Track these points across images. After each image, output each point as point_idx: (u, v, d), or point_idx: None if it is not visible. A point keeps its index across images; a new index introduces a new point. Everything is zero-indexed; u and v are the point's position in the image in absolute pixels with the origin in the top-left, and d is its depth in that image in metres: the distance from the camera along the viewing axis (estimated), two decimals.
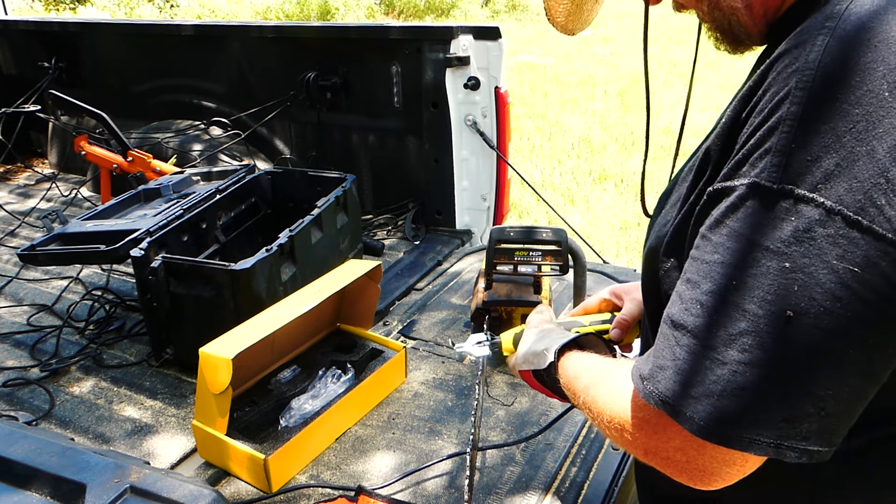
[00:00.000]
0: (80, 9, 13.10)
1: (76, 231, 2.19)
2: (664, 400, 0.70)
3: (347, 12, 14.08)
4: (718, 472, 0.69)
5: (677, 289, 0.72)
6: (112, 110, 3.02)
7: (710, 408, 0.65)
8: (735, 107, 0.71)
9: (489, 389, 1.87)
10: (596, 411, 0.84)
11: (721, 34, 0.84)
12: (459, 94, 2.73)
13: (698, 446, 0.69)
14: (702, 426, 0.66)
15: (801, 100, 0.62)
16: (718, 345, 0.65)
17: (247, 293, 1.82)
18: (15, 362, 2.06)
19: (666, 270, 0.81)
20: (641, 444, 0.75)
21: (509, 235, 1.93)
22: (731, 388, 0.64)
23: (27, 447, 1.02)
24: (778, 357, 0.62)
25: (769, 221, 0.63)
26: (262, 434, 1.64)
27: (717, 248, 0.67)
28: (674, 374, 0.69)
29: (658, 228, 0.86)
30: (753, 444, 0.64)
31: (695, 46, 1.01)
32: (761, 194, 0.63)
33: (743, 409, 0.64)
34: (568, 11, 0.94)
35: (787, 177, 0.62)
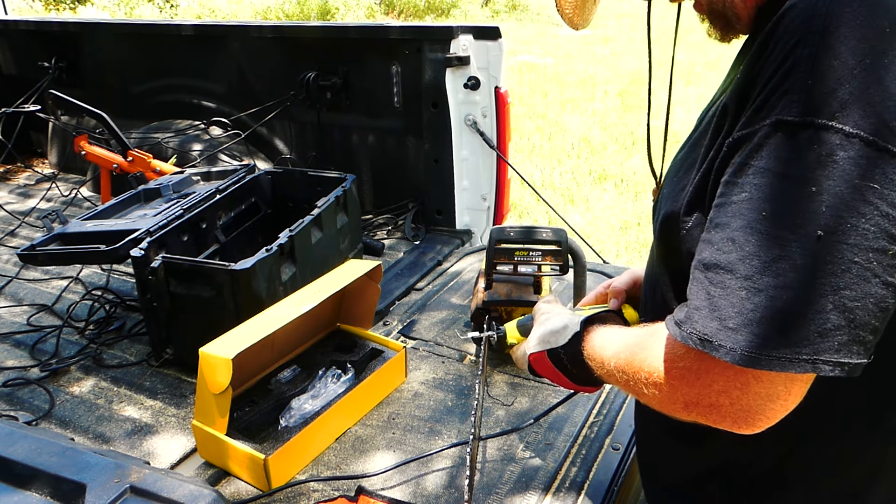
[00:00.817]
0: (80, 9, 13.10)
1: (76, 231, 2.19)
2: (703, 338, 0.72)
3: (347, 12, 14.08)
4: (763, 410, 0.72)
5: (704, 237, 0.76)
6: (112, 110, 3.02)
7: (750, 335, 0.69)
8: (746, 66, 0.76)
9: (489, 389, 1.87)
10: (631, 372, 0.86)
11: (714, 19, 0.89)
12: (459, 94, 2.73)
13: (742, 384, 0.72)
14: (744, 355, 0.69)
15: (814, 41, 0.68)
16: (753, 274, 0.69)
17: (247, 293, 1.82)
18: (15, 362, 2.06)
19: (688, 229, 0.84)
20: (681, 396, 0.78)
21: (509, 235, 1.93)
22: (769, 312, 0.68)
23: (27, 447, 1.02)
24: (811, 275, 0.67)
25: (793, 153, 0.68)
26: (262, 434, 1.64)
27: (743, 188, 0.71)
28: (710, 311, 0.72)
29: (673, 195, 0.89)
30: (792, 363, 0.68)
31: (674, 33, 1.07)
32: (783, 129, 0.68)
33: (781, 330, 0.68)
34: (575, 4, 0.99)
35: (807, 110, 0.67)
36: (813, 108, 0.67)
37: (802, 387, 0.72)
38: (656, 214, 0.97)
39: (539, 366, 1.14)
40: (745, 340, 0.69)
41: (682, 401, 0.78)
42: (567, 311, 1.17)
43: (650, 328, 0.88)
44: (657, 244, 0.96)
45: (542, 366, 1.13)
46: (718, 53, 9.88)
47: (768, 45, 0.73)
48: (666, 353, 0.80)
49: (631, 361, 0.87)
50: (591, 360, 1.00)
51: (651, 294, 1.05)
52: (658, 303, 1.00)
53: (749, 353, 0.69)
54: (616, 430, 1.70)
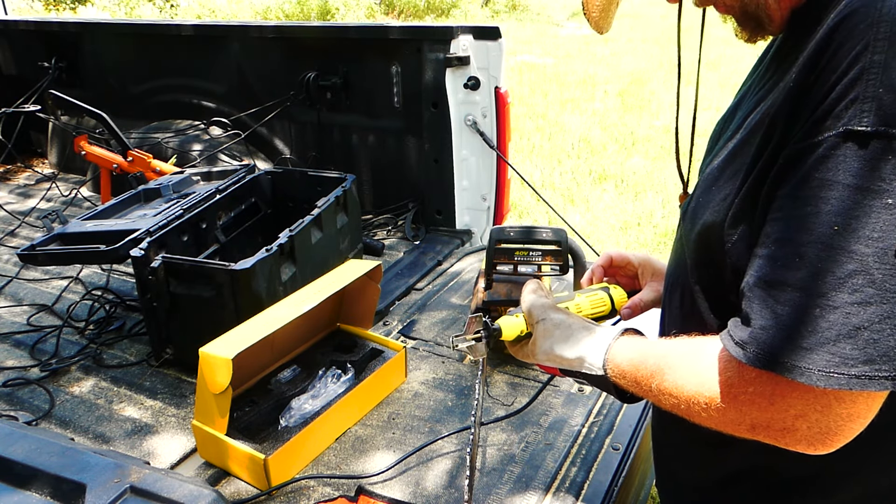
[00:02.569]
0: (80, 9, 13.10)
1: (76, 231, 2.19)
2: (775, 360, 0.69)
3: (347, 12, 14.08)
4: (841, 430, 0.70)
5: (761, 253, 0.73)
6: (112, 110, 3.02)
7: (828, 354, 0.66)
8: (800, 72, 0.73)
9: (489, 389, 1.87)
10: (685, 397, 0.80)
11: (745, 20, 0.86)
12: (459, 94, 2.73)
13: (822, 407, 0.69)
14: (823, 375, 0.66)
15: (882, 48, 0.66)
16: (827, 291, 0.66)
17: (247, 293, 1.82)
18: (15, 362, 2.06)
19: (733, 242, 0.81)
20: (749, 420, 0.74)
21: (509, 235, 1.93)
22: (847, 329, 0.65)
23: (27, 447, 1.02)
24: (889, 290, 0.64)
25: (865, 164, 0.65)
26: (262, 434, 1.64)
27: (808, 201, 0.68)
28: (779, 331, 0.69)
29: (714, 204, 0.85)
30: (874, 381, 0.65)
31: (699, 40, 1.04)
32: (854, 140, 0.66)
33: (861, 348, 0.65)
34: (602, 7, 0.96)
35: (880, 119, 0.65)
36: (885, 117, 0.65)
37: (880, 401, 0.70)
38: (689, 222, 0.92)
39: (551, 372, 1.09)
40: (824, 360, 0.66)
41: (749, 424, 0.74)
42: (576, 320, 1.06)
43: (692, 346, 0.83)
44: (692, 254, 0.91)
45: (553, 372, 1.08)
46: (719, 53, 9.89)
47: (825, 52, 0.70)
48: (728, 377, 0.75)
49: (682, 386, 0.81)
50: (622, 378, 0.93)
51: (678, 300, 0.99)
52: (686, 311, 0.95)
53: (829, 373, 0.66)
54: (616, 430, 1.70)
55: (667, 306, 1.06)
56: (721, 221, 0.82)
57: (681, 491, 1.09)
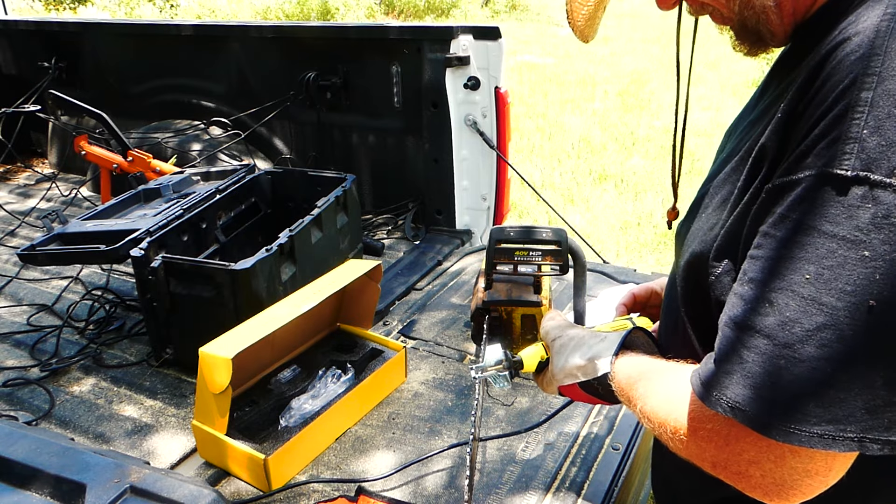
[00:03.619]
0: (80, 9, 13.10)
1: (76, 231, 2.19)
2: (735, 407, 0.66)
3: (347, 12, 14.07)
4: (798, 486, 0.66)
5: (737, 290, 0.69)
6: (112, 110, 3.02)
7: (790, 409, 0.62)
8: (789, 101, 0.69)
9: (489, 389, 1.87)
10: (657, 422, 0.79)
11: (745, 34, 0.82)
12: (459, 94, 2.73)
13: (776, 458, 0.66)
14: (782, 430, 0.63)
15: (871, 85, 0.61)
16: (794, 342, 0.62)
17: (247, 293, 1.82)
18: (15, 362, 2.06)
19: (717, 276, 0.78)
20: (709, 457, 0.72)
21: (509, 235, 1.93)
22: (812, 385, 0.61)
23: (27, 447, 1.02)
24: (859, 349, 0.60)
25: (843, 210, 0.60)
26: (262, 434, 1.64)
27: (783, 244, 0.64)
28: (743, 378, 0.66)
29: (702, 233, 0.82)
30: (837, 441, 0.62)
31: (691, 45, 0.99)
32: (832, 183, 0.61)
33: (825, 406, 0.61)
34: (588, 16, 0.93)
35: (862, 163, 0.60)
36: (868, 162, 0.59)
37: (845, 462, 0.66)
38: (681, 247, 0.90)
39: (571, 394, 1.05)
40: (784, 415, 0.62)
41: (710, 461, 0.72)
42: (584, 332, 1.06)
43: (675, 372, 0.81)
44: (682, 282, 0.89)
45: (573, 394, 1.05)
46: (719, 53, 9.89)
47: (815, 80, 0.66)
48: (692, 410, 0.73)
49: (657, 411, 0.80)
50: (620, 395, 0.92)
51: (672, 322, 0.97)
52: (679, 338, 0.93)
53: (787, 427, 0.62)
54: (616, 430, 1.70)
55: (662, 329, 1.04)
56: (707, 252, 0.80)
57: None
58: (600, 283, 2.40)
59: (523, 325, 1.96)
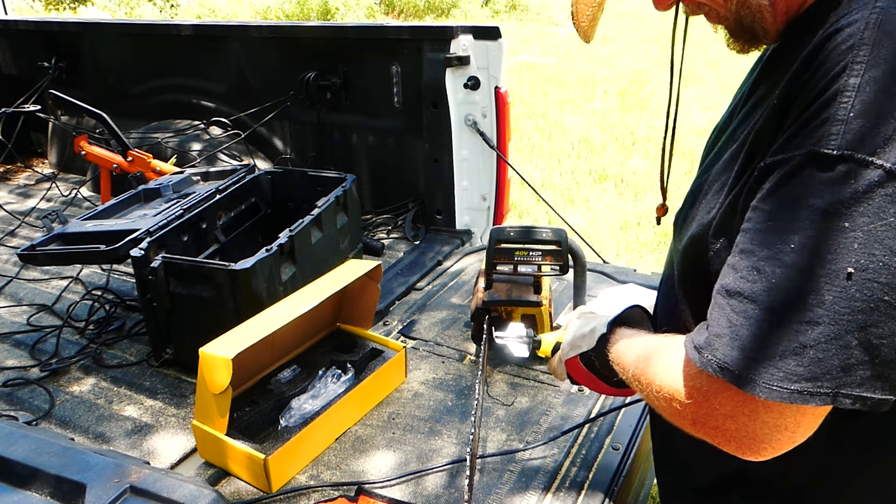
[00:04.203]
0: (80, 9, 13.10)
1: (76, 231, 2.19)
2: (723, 367, 0.72)
3: (347, 12, 14.07)
4: (769, 439, 0.72)
5: (729, 261, 0.75)
6: (112, 110, 3.02)
7: (773, 368, 0.68)
8: (783, 89, 0.74)
9: (489, 389, 1.87)
10: (645, 382, 0.86)
11: (739, 32, 0.86)
12: (459, 94, 2.73)
13: (750, 412, 0.71)
14: (764, 387, 0.68)
15: (859, 72, 0.66)
16: (778, 307, 0.68)
17: (247, 293, 1.82)
18: (15, 362, 2.06)
19: (716, 251, 0.83)
20: (689, 414, 0.78)
21: (509, 235, 1.93)
22: (793, 346, 0.67)
23: (27, 447, 1.02)
24: (838, 312, 0.65)
25: (827, 185, 0.66)
26: (262, 434, 1.64)
27: (771, 216, 0.70)
28: (731, 340, 0.71)
29: (700, 217, 0.88)
30: (814, 397, 0.67)
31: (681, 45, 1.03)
32: (819, 161, 0.66)
33: (805, 366, 0.67)
34: (592, 17, 0.98)
35: (847, 142, 0.65)
36: (853, 142, 0.65)
37: (813, 421, 0.71)
38: (680, 234, 0.95)
39: (575, 372, 1.13)
40: (768, 373, 0.68)
41: (690, 418, 0.78)
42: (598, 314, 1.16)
43: (667, 340, 0.87)
44: (679, 266, 0.95)
45: (577, 372, 1.12)
46: (719, 53, 9.88)
47: (807, 69, 0.71)
48: (678, 370, 0.80)
49: (646, 372, 0.87)
50: (615, 364, 0.99)
51: (665, 300, 1.03)
52: (669, 310, 0.99)
53: (771, 386, 0.68)
54: (616, 430, 1.70)
55: (659, 312, 1.10)
56: (706, 234, 0.85)
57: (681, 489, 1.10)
58: (600, 283, 2.40)
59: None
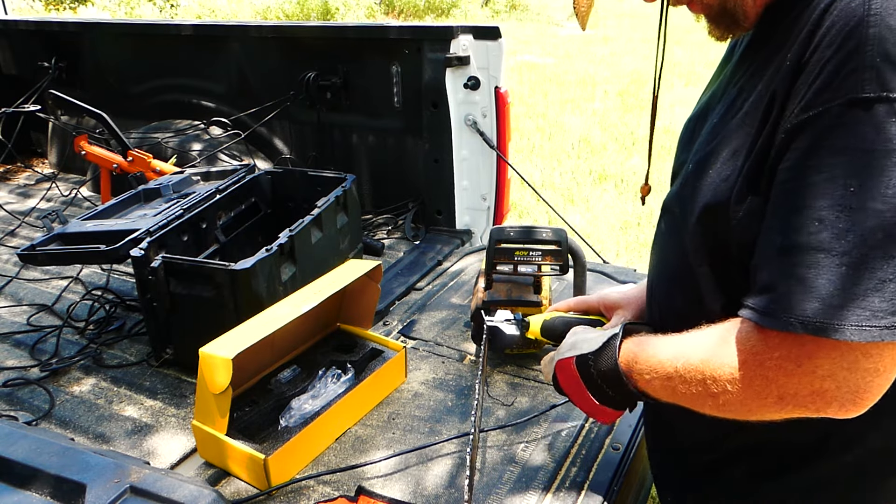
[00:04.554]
0: (80, 9, 13.10)
1: (76, 231, 2.19)
2: (806, 322, 0.70)
3: (347, 12, 14.07)
4: (869, 387, 0.71)
5: (772, 224, 0.75)
6: (112, 110, 3.02)
7: (858, 309, 0.68)
8: (795, 52, 0.76)
9: (489, 389, 1.87)
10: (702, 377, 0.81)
11: (721, 17, 0.89)
12: (459, 94, 2.73)
13: (850, 364, 0.70)
14: (856, 329, 0.68)
15: (877, 22, 0.70)
16: (850, 249, 0.68)
17: (247, 293, 1.82)
18: (15, 362, 2.06)
19: (738, 219, 0.83)
20: (776, 389, 0.75)
21: (509, 235, 1.93)
22: (873, 283, 0.68)
23: (27, 447, 1.02)
24: None
25: (872, 127, 0.68)
26: (262, 434, 1.64)
27: (820, 169, 0.71)
28: (807, 293, 0.71)
29: (715, 185, 0.86)
30: None
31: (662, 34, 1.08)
32: (859, 106, 0.69)
33: (889, 300, 0.68)
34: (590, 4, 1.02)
35: (880, 86, 0.68)
36: (886, 84, 0.68)
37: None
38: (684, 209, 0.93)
39: (564, 374, 1.07)
40: (854, 316, 0.68)
41: (777, 394, 0.75)
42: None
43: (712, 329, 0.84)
44: (693, 239, 0.92)
45: (566, 375, 1.07)
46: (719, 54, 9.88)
47: (819, 29, 0.74)
48: (752, 347, 0.76)
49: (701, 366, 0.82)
50: (632, 366, 0.94)
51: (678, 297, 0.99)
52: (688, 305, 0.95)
53: (861, 327, 0.68)
54: (616, 430, 1.70)
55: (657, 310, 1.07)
56: (725, 200, 0.84)
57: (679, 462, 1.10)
58: (600, 283, 2.40)
59: None
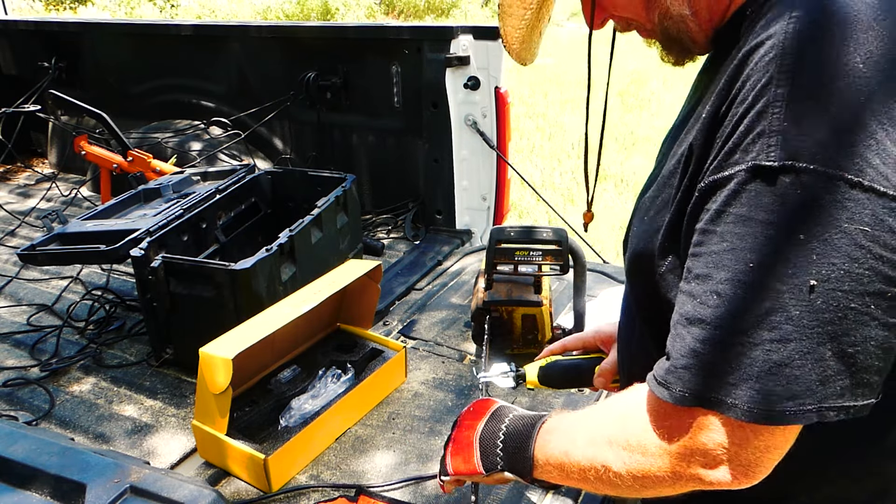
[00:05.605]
0: (80, 9, 13.10)
1: (76, 231, 2.19)
2: (699, 395, 0.69)
3: (347, 12, 14.07)
4: (761, 462, 0.70)
5: (684, 288, 0.73)
6: (112, 110, 3.02)
7: (752, 390, 0.66)
8: (712, 103, 0.73)
9: (489, 389, 1.87)
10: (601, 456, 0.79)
11: (669, 44, 0.87)
12: (459, 94, 2.73)
13: (740, 440, 0.69)
14: (747, 410, 0.66)
15: (786, 82, 0.65)
16: (747, 328, 0.66)
17: (247, 293, 1.82)
18: (15, 362, 2.06)
19: (662, 273, 0.82)
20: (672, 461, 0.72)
21: (510, 235, 1.93)
22: (769, 366, 0.65)
23: (27, 447, 1.02)
24: (807, 326, 0.64)
25: (775, 199, 0.65)
26: (262, 434, 1.64)
27: (724, 237, 0.68)
28: (702, 368, 0.69)
29: (647, 235, 0.85)
30: (798, 415, 0.65)
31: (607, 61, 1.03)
32: (762, 175, 0.65)
33: (783, 384, 0.65)
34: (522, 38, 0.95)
35: (786, 153, 0.64)
36: (792, 151, 0.64)
37: (797, 432, 0.70)
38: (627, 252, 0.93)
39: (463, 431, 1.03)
40: (748, 396, 0.66)
41: (670, 469, 0.73)
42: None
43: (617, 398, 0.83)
44: (630, 286, 0.92)
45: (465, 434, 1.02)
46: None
47: (735, 82, 0.70)
48: (652, 416, 0.75)
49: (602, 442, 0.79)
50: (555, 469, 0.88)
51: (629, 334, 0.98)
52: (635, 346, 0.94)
53: (753, 408, 0.66)
54: None
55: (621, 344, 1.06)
56: (652, 252, 0.83)
57: None
58: (600, 283, 2.40)
59: (524, 325, 1.96)
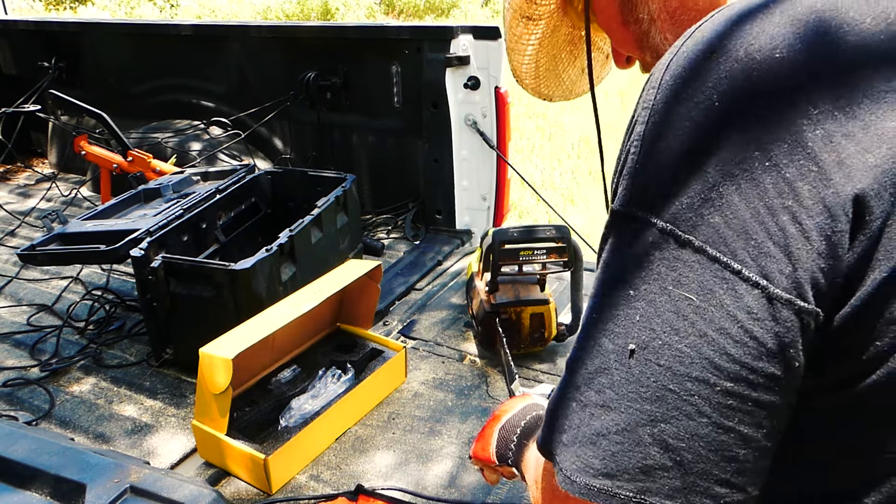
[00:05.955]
0: (80, 9, 13.10)
1: (76, 231, 2.19)
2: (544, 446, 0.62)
3: (347, 12, 14.08)
4: None
5: None
6: (112, 110, 3.02)
7: (573, 455, 0.57)
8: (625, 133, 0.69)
9: (489, 390, 1.87)
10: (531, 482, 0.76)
11: None
12: (459, 94, 2.73)
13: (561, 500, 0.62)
14: (564, 476, 0.58)
15: (645, 119, 0.58)
16: (581, 384, 0.58)
17: (247, 293, 1.82)
18: (15, 362, 2.06)
19: None
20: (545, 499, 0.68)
21: (513, 236, 1.93)
22: (590, 433, 0.56)
23: (27, 447, 1.02)
24: (626, 396, 0.55)
25: (620, 248, 0.57)
26: (262, 434, 1.64)
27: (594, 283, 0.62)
28: (550, 419, 0.62)
29: None
30: (615, 498, 0.55)
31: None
32: (616, 221, 0.58)
33: (600, 458, 0.56)
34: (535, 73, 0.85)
35: (632, 200, 0.57)
36: (637, 199, 0.56)
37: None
38: None
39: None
40: (568, 461, 0.58)
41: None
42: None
43: None
44: None
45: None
46: None
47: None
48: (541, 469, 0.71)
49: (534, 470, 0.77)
50: None
51: None
52: None
53: (569, 475, 0.57)
54: None
55: None
56: None
57: None
58: None
59: (531, 324, 1.96)
